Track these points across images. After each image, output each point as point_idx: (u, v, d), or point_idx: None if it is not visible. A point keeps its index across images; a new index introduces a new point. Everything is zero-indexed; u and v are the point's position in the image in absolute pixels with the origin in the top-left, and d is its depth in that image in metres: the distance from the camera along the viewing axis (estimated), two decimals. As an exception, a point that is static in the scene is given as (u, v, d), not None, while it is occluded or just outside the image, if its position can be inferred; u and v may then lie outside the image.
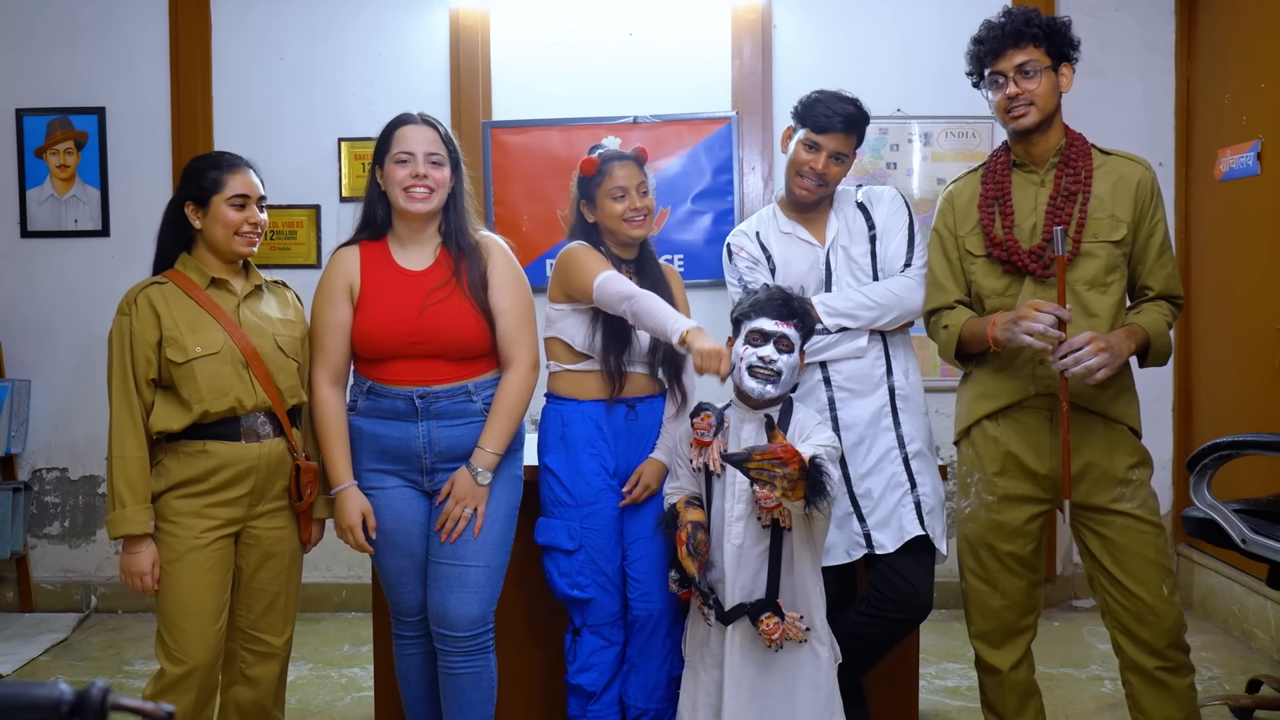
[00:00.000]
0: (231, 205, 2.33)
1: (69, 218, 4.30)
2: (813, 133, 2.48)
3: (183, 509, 2.28)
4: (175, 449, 2.30)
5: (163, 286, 2.33)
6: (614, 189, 2.49)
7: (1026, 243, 2.34)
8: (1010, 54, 2.30)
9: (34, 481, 4.36)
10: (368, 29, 4.23)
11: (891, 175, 4.12)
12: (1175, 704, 2.30)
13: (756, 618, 2.15)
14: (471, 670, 2.41)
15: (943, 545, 2.50)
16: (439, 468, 2.40)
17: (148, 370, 2.27)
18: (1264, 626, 3.65)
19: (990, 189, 2.41)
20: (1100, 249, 2.31)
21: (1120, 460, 2.32)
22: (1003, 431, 2.37)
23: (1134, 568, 2.29)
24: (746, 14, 4.12)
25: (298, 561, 2.46)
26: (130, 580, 2.28)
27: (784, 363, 2.20)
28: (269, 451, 2.34)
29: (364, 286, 2.41)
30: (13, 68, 4.28)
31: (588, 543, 2.45)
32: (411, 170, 2.36)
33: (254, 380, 2.32)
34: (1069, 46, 2.33)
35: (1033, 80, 2.29)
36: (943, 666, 3.56)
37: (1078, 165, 2.33)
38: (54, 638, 3.99)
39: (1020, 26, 2.29)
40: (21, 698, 0.71)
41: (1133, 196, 2.32)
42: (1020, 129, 2.33)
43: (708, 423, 2.21)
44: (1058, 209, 2.31)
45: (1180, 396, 4.23)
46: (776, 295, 2.25)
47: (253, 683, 2.40)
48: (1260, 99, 3.67)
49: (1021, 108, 2.30)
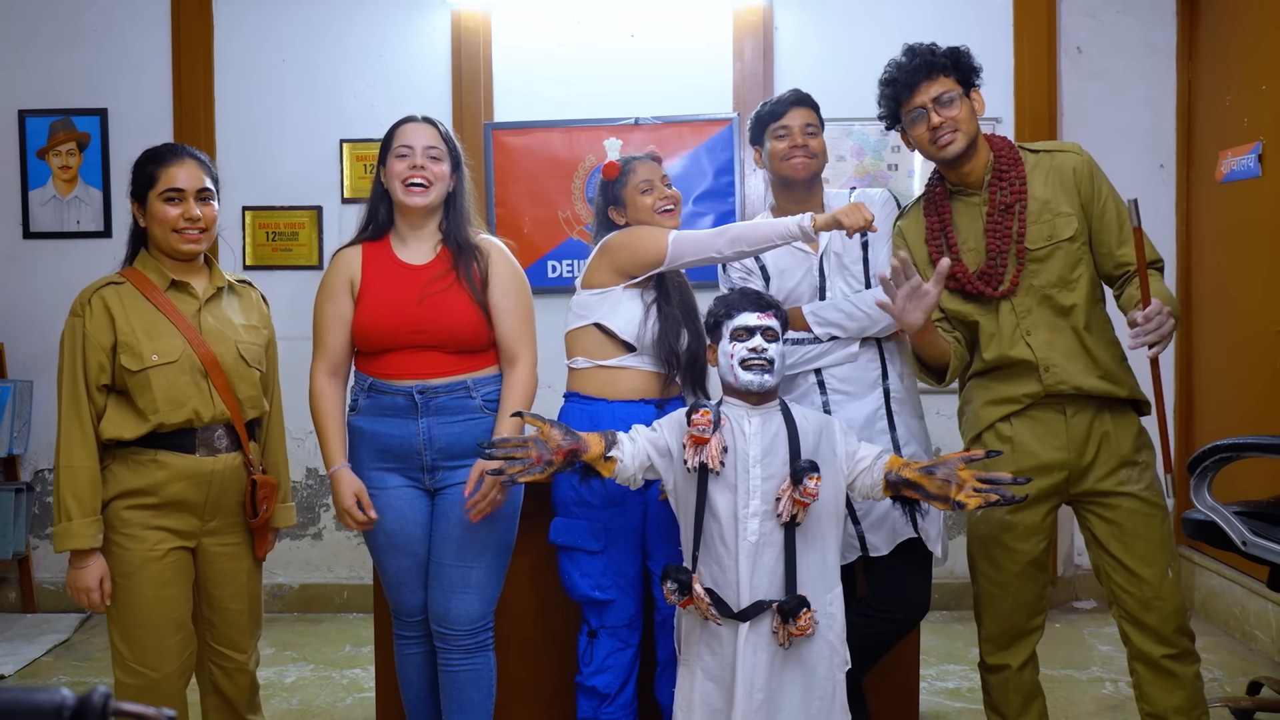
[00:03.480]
0: (165, 201, 2.22)
1: (71, 219, 4.31)
2: (773, 124, 2.58)
3: (133, 520, 2.19)
4: (125, 456, 2.20)
5: (119, 287, 2.23)
6: (641, 183, 2.53)
7: (975, 266, 2.35)
8: (925, 87, 2.32)
9: (36, 482, 4.36)
10: (370, 31, 4.24)
11: (893, 177, 4.13)
12: (1182, 693, 2.30)
13: (792, 615, 2.13)
14: (471, 668, 2.42)
15: (938, 549, 2.50)
16: (439, 465, 2.41)
17: (100, 376, 2.17)
18: (1265, 628, 3.65)
19: (934, 221, 2.41)
20: (1057, 249, 2.31)
21: (1127, 439, 2.33)
22: (1017, 430, 2.37)
23: (1141, 550, 2.29)
24: (748, 15, 4.13)
25: (256, 578, 2.41)
26: (78, 596, 2.16)
27: (774, 351, 2.21)
28: (224, 467, 2.26)
29: (365, 281, 2.42)
30: (15, 69, 4.29)
31: (612, 544, 2.44)
32: (410, 163, 2.39)
33: (213, 390, 2.23)
34: (973, 73, 2.36)
35: (952, 108, 2.31)
36: (943, 668, 3.56)
37: (1010, 176, 2.34)
38: (56, 638, 4.00)
39: (928, 59, 2.33)
40: (23, 703, 0.72)
41: (1073, 185, 2.32)
42: (949, 157, 2.33)
43: (707, 419, 2.19)
44: (997, 224, 2.32)
45: (1181, 398, 4.22)
46: (749, 291, 2.29)
47: (224, 696, 2.37)
48: (1261, 101, 3.67)
49: (947, 135, 2.31)
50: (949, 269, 2.20)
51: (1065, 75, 4.18)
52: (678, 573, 2.20)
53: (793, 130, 2.55)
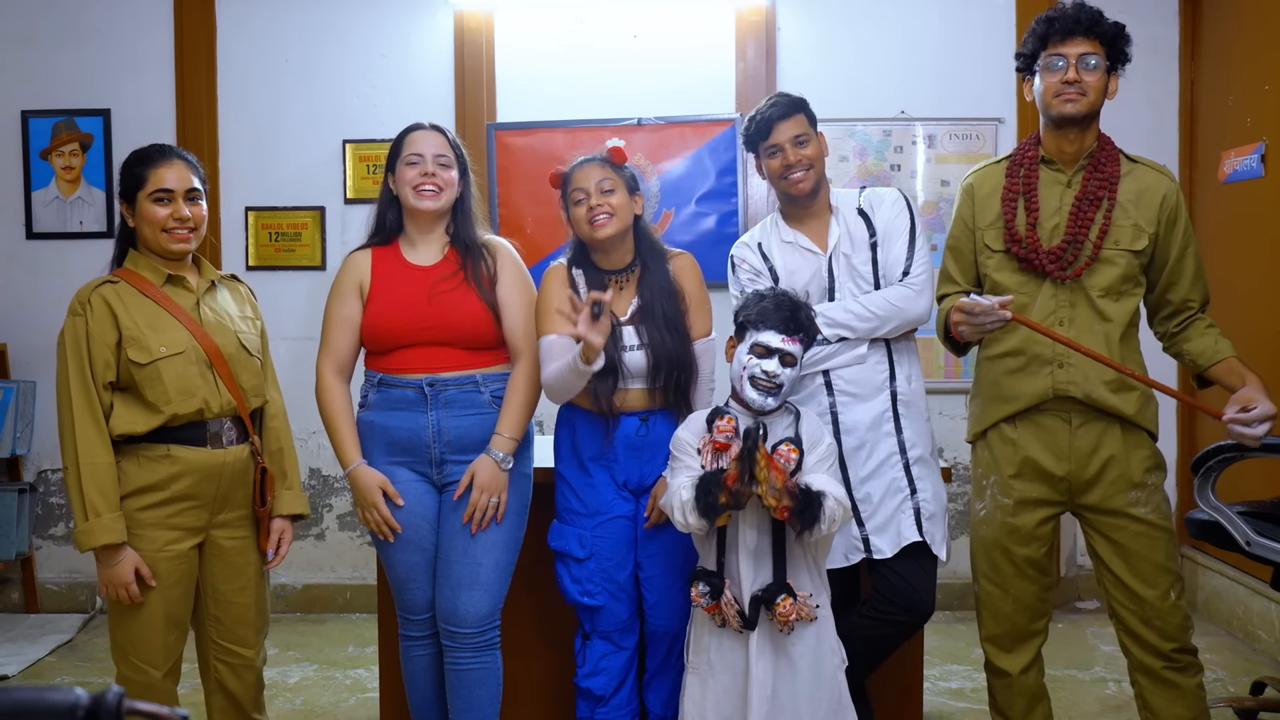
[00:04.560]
0: (154, 201, 2.24)
1: (74, 219, 4.31)
2: (763, 143, 2.51)
3: (145, 520, 2.20)
4: (136, 452, 2.21)
5: (115, 285, 2.24)
6: (574, 193, 2.42)
7: (1047, 242, 2.32)
8: (1078, 40, 2.29)
9: (39, 483, 4.37)
10: (372, 31, 4.24)
11: (895, 177, 4.13)
12: (1184, 703, 2.30)
13: (771, 602, 2.14)
14: (479, 666, 2.42)
15: (942, 552, 2.50)
16: (448, 459, 2.42)
17: (106, 373, 2.18)
18: (1268, 628, 3.65)
19: (1015, 183, 2.38)
20: (1120, 257, 2.30)
21: (1138, 464, 2.32)
22: (1020, 434, 2.37)
23: (1144, 571, 2.29)
24: (750, 16, 4.12)
25: (263, 570, 2.41)
26: (115, 592, 2.18)
27: (786, 376, 2.21)
28: (233, 459, 2.28)
29: (374, 283, 2.46)
30: (18, 69, 4.29)
31: (599, 551, 2.44)
32: (421, 170, 2.42)
33: (218, 380, 2.25)
34: (1125, 56, 2.34)
35: (1092, 73, 2.28)
36: (947, 668, 3.56)
37: (1106, 170, 2.32)
38: (59, 639, 4.00)
39: (1093, 19, 2.30)
40: (37, 702, 0.72)
41: (1157, 207, 2.32)
42: (1065, 115, 2.29)
43: (731, 426, 2.19)
44: (1082, 211, 2.30)
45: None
46: (785, 306, 2.24)
47: (229, 694, 2.36)
48: (1264, 101, 3.67)
49: (1073, 93, 2.28)
50: (1009, 318, 2.21)
51: (1068, 75, 4.17)
52: (709, 576, 2.20)
53: (783, 148, 2.48)
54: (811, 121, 2.54)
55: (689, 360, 2.44)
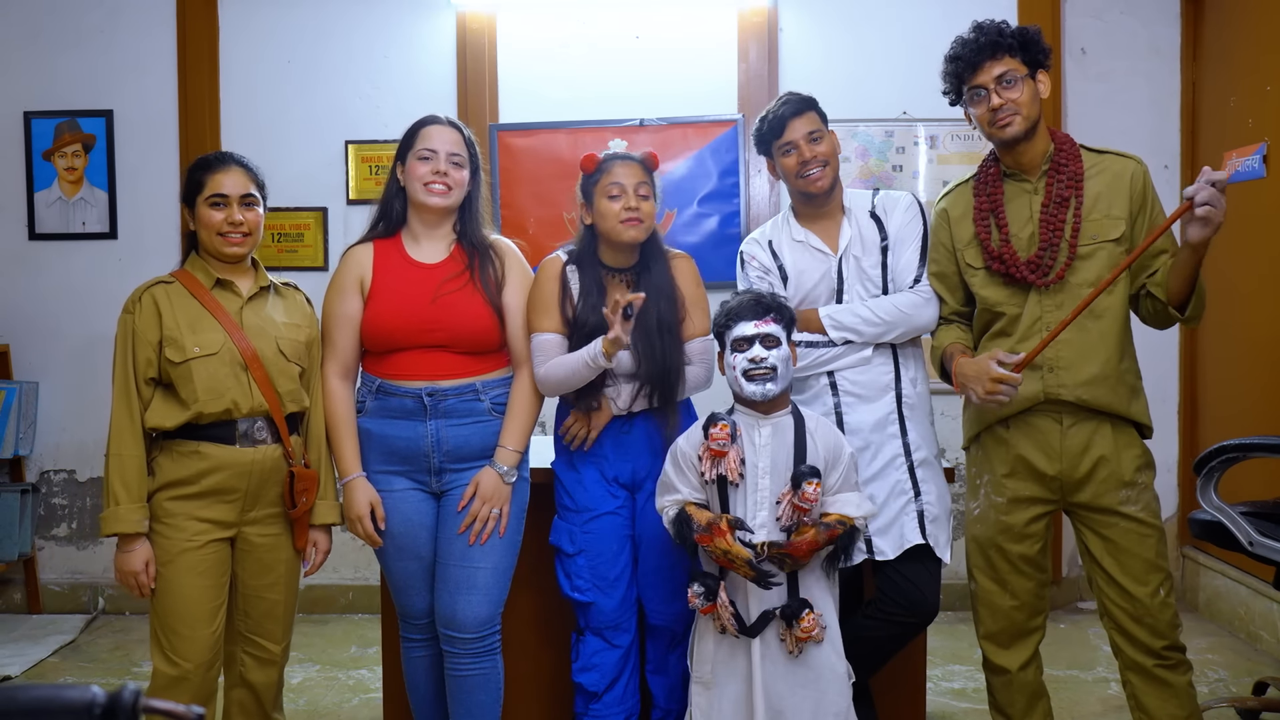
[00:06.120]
0: (210, 206, 2.32)
1: (77, 220, 4.31)
2: (777, 141, 2.52)
3: (175, 510, 2.27)
4: (169, 448, 2.30)
5: (169, 286, 2.34)
6: (610, 185, 2.41)
7: (1024, 253, 2.34)
8: (988, 66, 2.31)
9: (41, 483, 4.37)
10: (375, 32, 4.24)
11: (897, 178, 4.13)
12: (1177, 701, 2.32)
13: (795, 618, 2.15)
14: (479, 672, 2.42)
15: (946, 554, 2.50)
16: (447, 468, 2.41)
17: (147, 369, 2.27)
18: (1270, 629, 3.65)
19: (984, 201, 2.41)
20: (1099, 249, 2.31)
21: (1128, 463, 2.33)
22: (1013, 435, 2.38)
23: (1134, 569, 2.31)
24: (752, 17, 4.13)
25: (295, 569, 2.45)
26: (124, 579, 2.27)
27: (775, 357, 2.21)
28: (263, 458, 2.32)
29: (376, 279, 2.43)
30: (21, 70, 4.30)
31: (588, 547, 2.45)
32: (433, 167, 2.41)
33: (252, 383, 2.30)
34: (1042, 54, 2.34)
35: (1014, 89, 2.30)
36: (949, 668, 3.57)
37: (1068, 170, 2.34)
38: (62, 639, 4.00)
39: (994, 38, 2.31)
40: (54, 700, 0.72)
41: (1127, 191, 2.33)
42: (1007, 138, 2.33)
43: (726, 432, 2.19)
44: (1051, 215, 2.32)
45: (1186, 399, 4.23)
46: (747, 297, 2.28)
47: (252, 687, 2.41)
48: (1266, 102, 3.67)
49: (1006, 117, 2.30)
50: (1018, 381, 2.23)
51: (1070, 76, 4.18)
52: (705, 578, 2.20)
53: (798, 144, 2.49)
54: (823, 119, 2.55)
55: (677, 363, 2.44)
